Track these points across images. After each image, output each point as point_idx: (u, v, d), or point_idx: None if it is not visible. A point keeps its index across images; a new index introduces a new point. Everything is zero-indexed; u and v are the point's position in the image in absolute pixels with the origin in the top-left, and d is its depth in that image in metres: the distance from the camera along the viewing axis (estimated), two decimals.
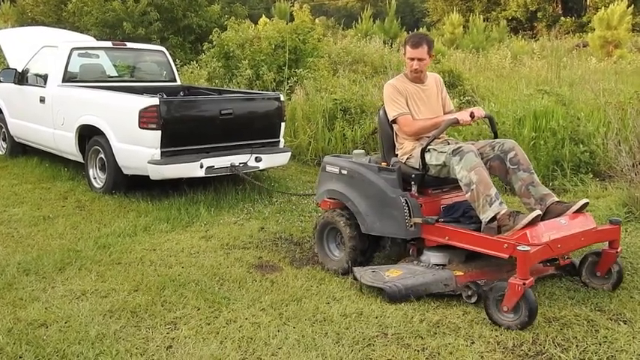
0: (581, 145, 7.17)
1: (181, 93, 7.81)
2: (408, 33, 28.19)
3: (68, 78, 7.17)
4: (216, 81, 10.95)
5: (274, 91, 9.80)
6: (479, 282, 3.62)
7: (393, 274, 3.79)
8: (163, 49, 8.38)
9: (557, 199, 3.79)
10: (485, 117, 4.12)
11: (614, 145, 6.05)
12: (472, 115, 3.93)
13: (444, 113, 4.33)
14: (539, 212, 3.49)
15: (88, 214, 5.72)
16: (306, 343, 3.17)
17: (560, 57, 17.36)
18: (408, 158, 4.16)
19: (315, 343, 3.18)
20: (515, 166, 3.86)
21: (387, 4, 26.25)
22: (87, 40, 9.12)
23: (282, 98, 6.74)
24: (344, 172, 4.28)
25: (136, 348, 3.16)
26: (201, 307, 3.63)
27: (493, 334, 3.25)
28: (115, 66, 8.18)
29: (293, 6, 16.34)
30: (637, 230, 4.89)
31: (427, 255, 3.98)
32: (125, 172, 6.13)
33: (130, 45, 8.35)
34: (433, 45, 4.25)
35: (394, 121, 4.20)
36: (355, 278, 3.88)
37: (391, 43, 18.75)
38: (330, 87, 9.65)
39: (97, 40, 10.37)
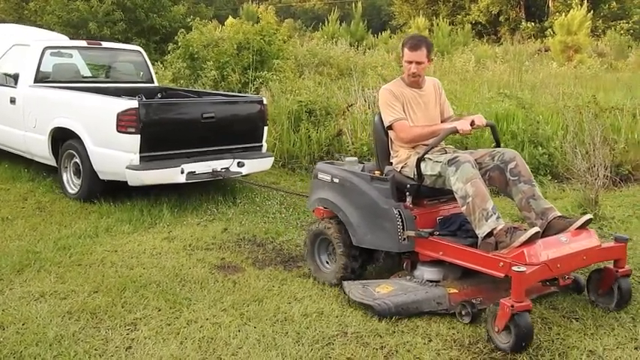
0: (540, 148, 7.35)
1: (159, 95, 7.54)
2: (374, 36, 28.34)
3: (40, 78, 6.88)
4: (182, 81, 10.89)
5: (240, 92, 9.79)
6: (474, 301, 3.43)
7: (384, 291, 3.61)
8: (140, 48, 8.09)
9: (560, 214, 3.58)
10: (486, 125, 3.93)
11: (570, 148, 6.21)
12: (472, 124, 3.73)
13: (443, 119, 4.14)
14: (538, 229, 3.31)
15: (49, 215, 5.64)
16: (266, 342, 3.20)
17: (522, 61, 17.76)
18: (402, 167, 3.97)
19: (276, 342, 3.21)
20: (516, 178, 3.66)
21: (353, 7, 26.41)
22: (60, 39, 8.78)
23: (264, 101, 6.55)
24: (335, 180, 4.09)
25: (95, 349, 3.14)
26: (162, 308, 3.63)
27: (450, 332, 3.32)
28: (89, 66, 7.92)
29: (259, 7, 16.35)
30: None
31: (421, 270, 3.79)
32: (101, 177, 5.87)
33: (105, 44, 8.09)
34: (432, 48, 4.07)
35: (390, 128, 3.98)
36: (344, 292, 3.72)
37: (357, 46, 18.88)
38: (296, 89, 9.68)
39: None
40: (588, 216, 3.52)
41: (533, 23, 34.35)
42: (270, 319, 3.49)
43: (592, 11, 26.48)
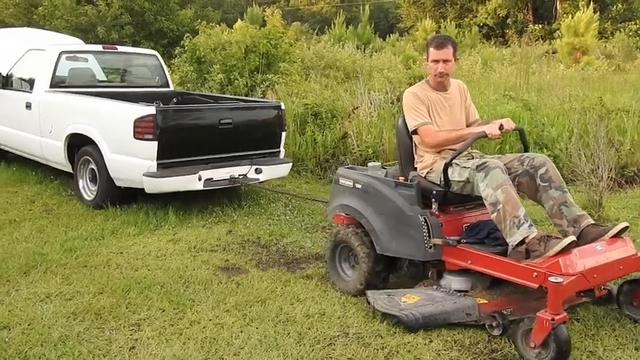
0: (545, 150, 7.35)
1: (174, 99, 7.51)
2: (381, 39, 28.37)
3: (56, 83, 6.81)
4: (188, 85, 10.95)
5: (246, 95, 9.84)
6: (504, 311, 3.30)
7: (410, 301, 3.47)
8: (155, 52, 8.07)
9: (593, 222, 3.45)
10: (515, 129, 3.73)
11: (574, 150, 6.21)
12: (501, 128, 3.58)
13: (469, 123, 4.03)
14: (574, 238, 3.16)
15: (55, 217, 5.70)
16: (268, 343, 3.23)
17: (529, 63, 17.73)
18: (428, 172, 3.84)
19: (277, 343, 3.23)
20: (547, 184, 3.52)
21: (360, 10, 26.46)
22: (75, 43, 8.72)
23: (282, 107, 6.45)
24: (358, 186, 3.96)
25: (99, 349, 3.18)
26: (166, 309, 3.67)
27: (450, 332, 3.33)
28: (105, 70, 7.85)
29: (265, 11, 16.41)
30: None
31: (448, 279, 3.65)
32: (118, 184, 5.80)
33: (121, 48, 8.05)
34: (457, 47, 3.92)
35: (414, 132, 3.86)
36: (368, 302, 3.59)
37: (364, 49, 18.90)
38: (302, 92, 9.72)
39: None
40: (624, 224, 3.38)
41: (540, 25, 34.25)
42: (273, 320, 3.51)
43: (599, 13, 26.44)
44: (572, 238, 3.14)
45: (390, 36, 29.31)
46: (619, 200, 6.20)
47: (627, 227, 3.38)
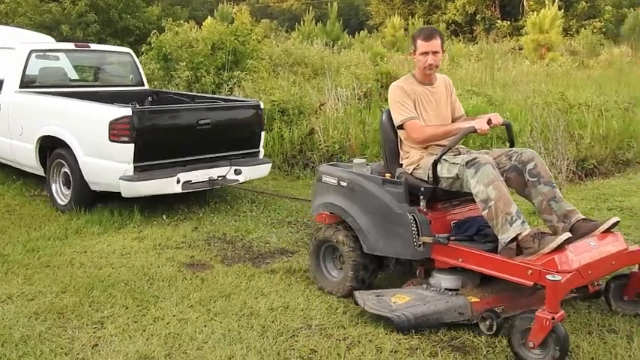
0: (508, 144, 7.48)
1: (149, 98, 7.32)
2: (351, 35, 28.39)
3: (26, 83, 6.53)
4: (155, 83, 10.88)
5: (213, 93, 9.82)
6: (497, 309, 3.25)
7: (401, 301, 3.40)
8: (129, 50, 7.81)
9: (583, 217, 3.42)
10: (502, 124, 3.68)
11: (534, 143, 6.36)
12: (489, 123, 3.53)
13: (454, 118, 3.96)
14: (569, 235, 3.12)
15: (18, 218, 5.63)
16: (231, 336, 3.26)
17: (494, 60, 18.00)
18: (414, 169, 3.75)
19: (241, 336, 3.26)
20: (535, 179, 3.46)
21: (329, 7, 26.54)
22: (46, 41, 8.47)
23: (261, 106, 6.32)
24: (343, 183, 3.85)
25: (61, 348, 3.17)
26: (130, 306, 3.67)
27: None
28: (77, 69, 7.63)
29: (233, 8, 16.34)
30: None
31: (437, 278, 3.57)
32: (93, 188, 5.61)
33: (93, 46, 7.82)
34: (444, 39, 3.84)
35: (400, 127, 3.78)
36: (356, 303, 3.49)
37: (333, 45, 18.97)
38: (269, 88, 9.74)
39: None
40: (615, 219, 3.34)
41: (508, 22, 34.74)
42: (237, 314, 3.54)
43: (564, 10, 26.92)
44: (567, 234, 3.10)
45: (359, 33, 29.45)
46: (578, 192, 6.35)
47: (618, 222, 3.36)
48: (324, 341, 3.20)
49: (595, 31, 29.57)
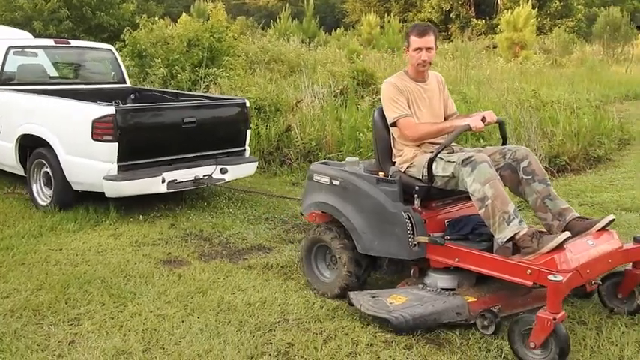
0: (482, 141, 7.60)
1: (132, 96, 7.15)
2: (327, 33, 28.37)
3: (4, 80, 6.35)
4: (130, 80, 10.79)
5: (189, 90, 9.77)
6: (494, 309, 3.22)
7: (398, 302, 3.35)
8: (111, 47, 7.67)
9: (578, 215, 3.41)
10: (496, 122, 3.65)
11: (507, 140, 6.45)
12: (484, 120, 3.49)
13: (447, 116, 3.92)
14: (569, 234, 3.09)
15: None
16: (209, 331, 3.28)
17: (469, 58, 18.20)
18: (408, 167, 3.71)
19: (218, 331, 3.29)
20: (530, 177, 3.44)
21: (305, 4, 26.55)
22: (24, 38, 8.26)
23: (247, 104, 6.22)
24: (336, 182, 3.78)
25: (37, 344, 3.16)
26: (106, 303, 3.67)
27: None
28: (57, 66, 7.45)
29: (209, 5, 16.26)
30: None
31: (433, 277, 3.53)
32: (75, 188, 5.51)
33: (73, 43, 7.63)
34: (438, 36, 3.82)
35: (394, 125, 3.73)
36: (351, 304, 3.43)
37: (309, 43, 18.99)
38: (246, 86, 9.73)
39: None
40: (611, 217, 3.34)
41: (483, 20, 35.10)
42: (214, 309, 3.57)
43: (538, 9, 27.30)
44: (567, 234, 3.08)
45: (335, 30, 29.51)
46: None
47: (613, 220, 3.35)
48: (301, 335, 3.24)
49: (567, 29, 30.02)
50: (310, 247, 3.91)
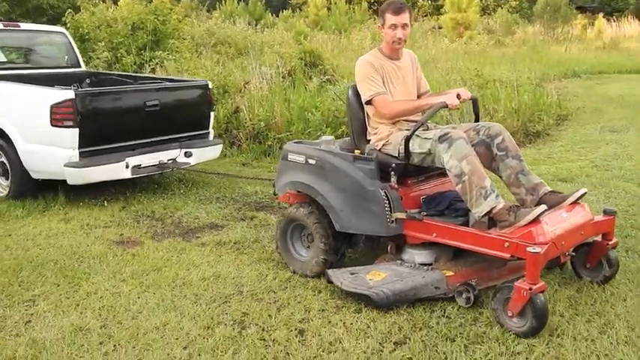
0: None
1: (87, 80, 6.97)
2: (274, 15, 28.18)
3: None
4: None
5: (135, 73, 9.66)
6: (471, 282, 3.29)
7: (377, 278, 3.38)
8: (63, 30, 7.47)
9: (551, 189, 3.49)
10: (470, 99, 3.69)
11: (447, 118, 6.69)
12: (459, 97, 3.54)
13: (420, 94, 3.94)
14: (545, 207, 3.15)
15: None
16: (165, 305, 3.37)
17: (415, 38, 18.48)
18: (384, 145, 3.73)
19: (175, 304, 3.38)
20: (503, 153, 3.48)
21: None
22: None
23: (210, 86, 6.18)
24: (311, 161, 3.77)
25: None
26: (61, 284, 3.70)
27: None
28: (5, 50, 7.17)
29: None
30: None
31: (410, 253, 3.57)
32: (35, 176, 5.37)
33: (23, 26, 7.34)
34: (412, 13, 3.83)
35: (369, 102, 3.72)
36: (330, 282, 3.47)
37: (256, 25, 18.90)
38: (193, 68, 9.70)
39: None
40: (583, 190, 3.41)
41: (429, 1, 35.49)
42: (169, 285, 3.65)
43: None
44: (543, 207, 3.15)
45: (282, 12, 29.41)
46: None
47: (585, 193, 3.43)
48: (256, 305, 3.36)
49: (510, 10, 30.71)
50: (286, 228, 3.90)
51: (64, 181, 5.21)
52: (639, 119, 9.50)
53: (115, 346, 2.94)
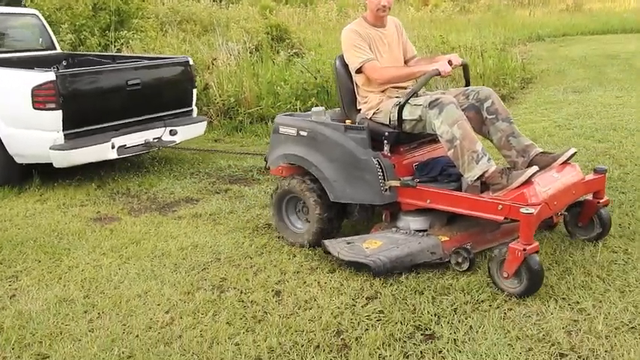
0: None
1: (64, 62, 6.86)
2: None
3: None
4: None
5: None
6: (466, 246, 3.32)
7: (373, 246, 3.43)
8: (36, 11, 7.30)
9: (542, 150, 3.52)
10: (461, 64, 3.69)
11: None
12: (450, 64, 3.52)
13: (407, 59, 3.97)
14: (537, 168, 3.20)
15: None
16: (146, 275, 3.50)
17: None
18: (374, 113, 3.73)
19: (155, 273, 3.51)
20: (493, 116, 3.51)
21: None
22: None
23: (191, 62, 6.17)
24: (303, 133, 3.77)
25: None
26: (42, 260, 3.80)
27: (310, 249, 3.74)
28: None
29: None
30: None
31: (405, 220, 3.60)
32: (19, 161, 5.32)
33: None
34: None
35: (359, 70, 3.71)
36: (327, 252, 3.51)
37: (220, 1, 18.71)
38: (159, 47, 9.67)
39: None
40: (573, 150, 3.44)
41: None
42: (149, 256, 3.77)
43: None
44: (535, 168, 3.18)
45: None
46: None
47: (575, 153, 3.46)
48: (233, 270, 3.51)
49: None
50: (280, 200, 3.92)
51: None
52: (600, 78, 9.79)
53: (99, 313, 3.07)
